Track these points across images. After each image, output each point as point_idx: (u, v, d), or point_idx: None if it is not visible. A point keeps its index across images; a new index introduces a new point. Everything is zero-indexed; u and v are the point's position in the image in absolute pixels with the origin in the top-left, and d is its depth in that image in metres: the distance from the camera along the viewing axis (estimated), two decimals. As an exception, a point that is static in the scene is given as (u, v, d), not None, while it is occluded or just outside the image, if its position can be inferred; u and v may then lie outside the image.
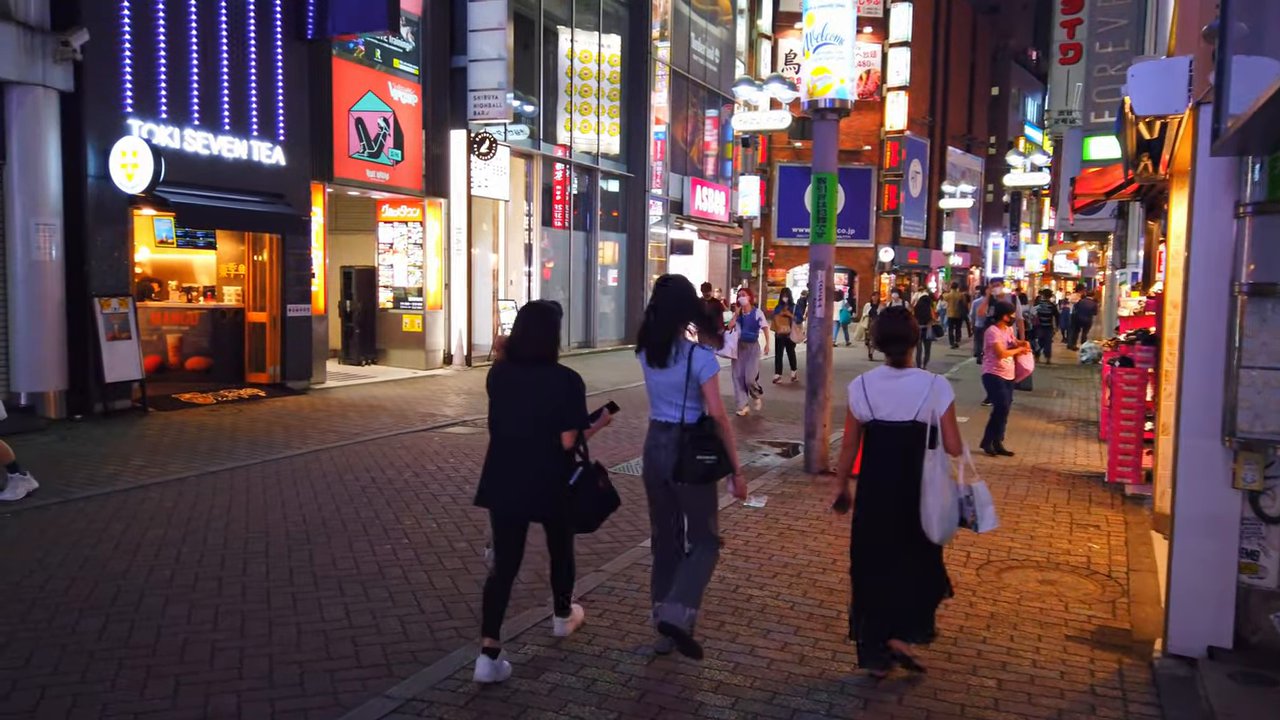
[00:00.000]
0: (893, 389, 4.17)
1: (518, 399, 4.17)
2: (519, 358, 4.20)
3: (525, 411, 4.15)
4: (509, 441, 4.19)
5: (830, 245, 8.63)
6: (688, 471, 4.15)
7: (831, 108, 8.40)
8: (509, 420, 4.20)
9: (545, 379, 4.16)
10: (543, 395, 4.14)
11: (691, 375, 4.20)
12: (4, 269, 9.95)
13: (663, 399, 4.32)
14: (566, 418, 4.15)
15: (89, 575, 5.28)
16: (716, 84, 27.33)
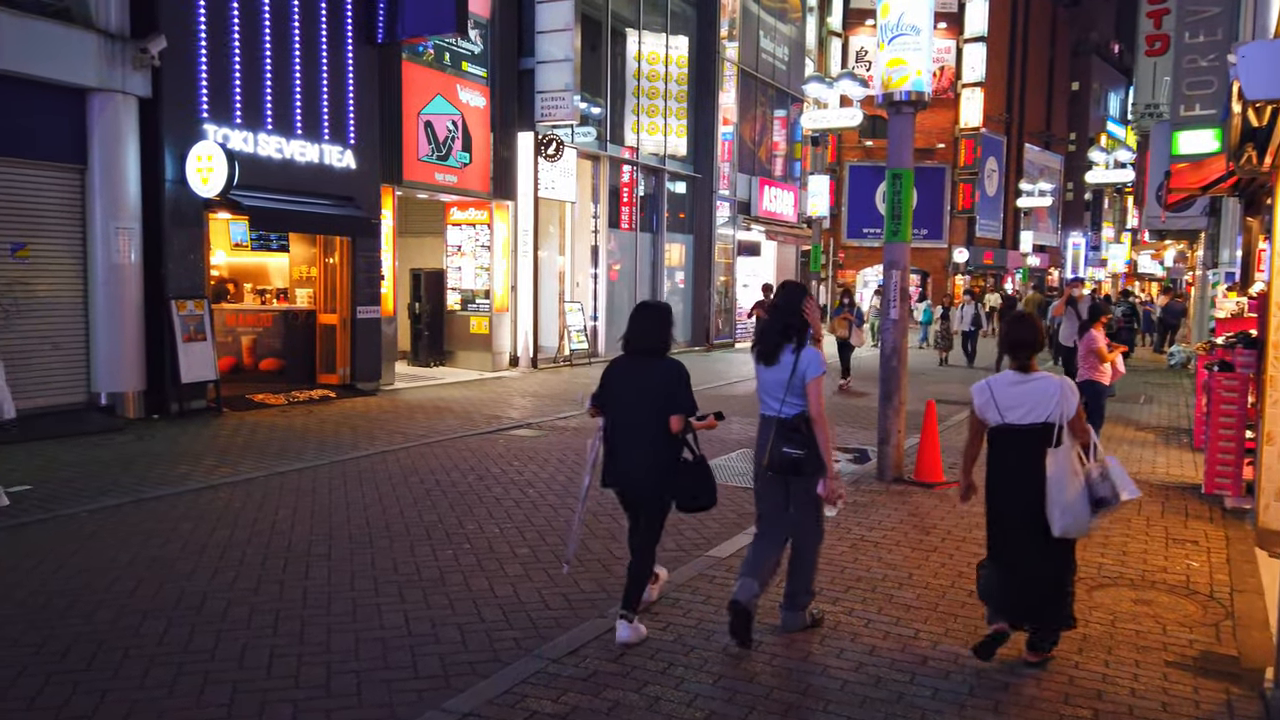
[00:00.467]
0: (1024, 393, 4.29)
1: (632, 388, 4.58)
2: (633, 351, 4.63)
3: (638, 399, 4.54)
4: (625, 427, 4.60)
5: (905, 244, 8.31)
6: (775, 462, 4.47)
7: (907, 100, 8.08)
8: (625, 407, 4.60)
9: (656, 370, 4.57)
10: (654, 385, 4.53)
11: (796, 373, 4.48)
12: (85, 272, 10.20)
13: (768, 394, 4.63)
14: (675, 402, 4.50)
15: (155, 576, 5.29)
16: (785, 82, 26.95)
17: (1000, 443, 4.37)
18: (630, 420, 4.57)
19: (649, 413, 4.51)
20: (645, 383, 4.55)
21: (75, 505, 6.83)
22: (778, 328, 4.61)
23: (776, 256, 28.64)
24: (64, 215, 10.02)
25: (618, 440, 4.62)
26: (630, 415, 4.57)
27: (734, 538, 6.36)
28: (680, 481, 4.60)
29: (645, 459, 4.53)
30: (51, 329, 9.97)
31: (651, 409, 4.51)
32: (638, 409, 4.54)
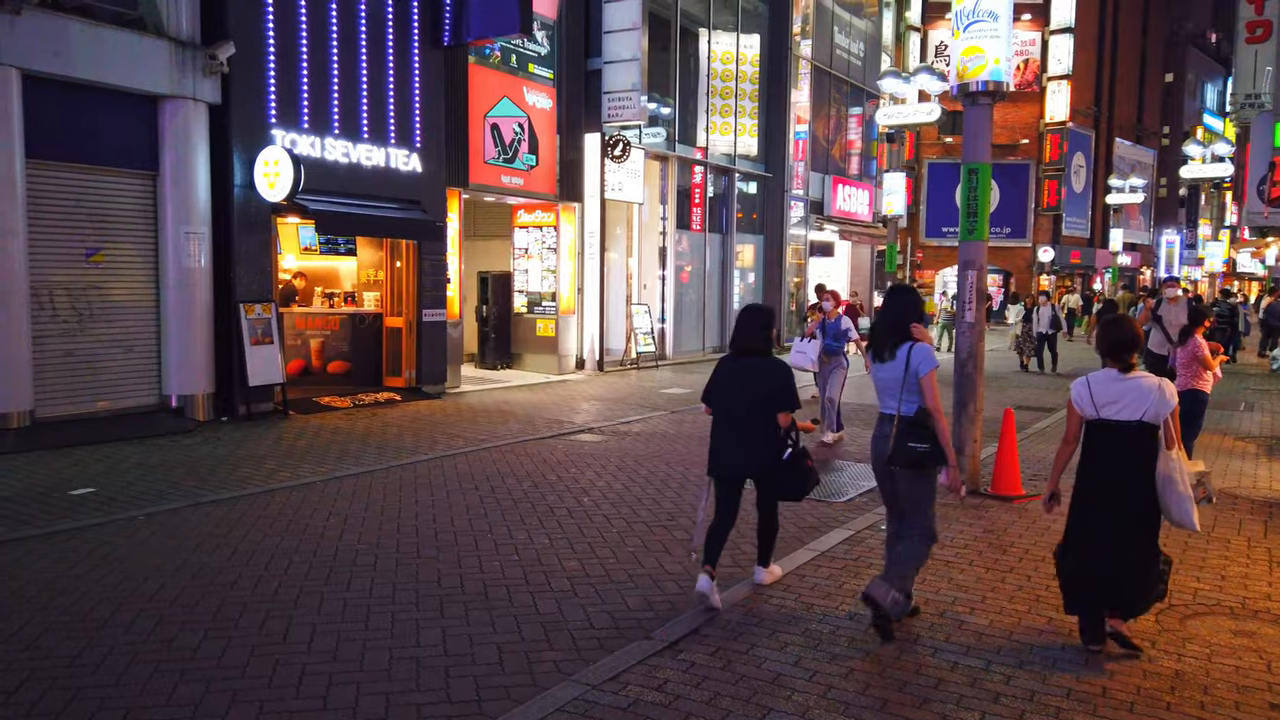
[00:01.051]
0: (1121, 390, 4.43)
1: (737, 386, 5.05)
2: (738, 350, 5.11)
3: (742, 395, 5.00)
4: (730, 419, 5.06)
5: (982, 243, 7.86)
6: (899, 457, 4.63)
7: (984, 90, 7.64)
8: (729, 401, 5.06)
9: (758, 368, 5.02)
10: (756, 381, 4.98)
11: (910, 370, 4.65)
12: (157, 276, 10.38)
13: (885, 392, 4.81)
14: (781, 401, 4.94)
15: (199, 584, 5.23)
16: (861, 78, 26.32)
17: (1093, 437, 4.52)
18: (736, 416, 5.03)
19: (753, 409, 4.96)
20: (750, 381, 5.00)
21: (133, 509, 6.87)
22: (887, 326, 4.81)
23: (851, 257, 28.02)
24: (137, 220, 10.21)
25: (724, 434, 5.06)
26: (736, 411, 5.03)
27: (793, 554, 6.04)
28: (782, 474, 5.02)
29: (750, 452, 4.97)
30: (124, 332, 10.16)
31: (756, 405, 4.96)
32: (743, 405, 5.00)
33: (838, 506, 7.49)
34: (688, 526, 6.73)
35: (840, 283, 27.52)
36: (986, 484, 8.01)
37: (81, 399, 9.80)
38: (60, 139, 9.41)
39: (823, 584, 5.44)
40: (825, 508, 7.45)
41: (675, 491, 7.82)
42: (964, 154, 7.90)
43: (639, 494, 7.73)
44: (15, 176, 8.94)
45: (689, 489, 7.92)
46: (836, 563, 5.88)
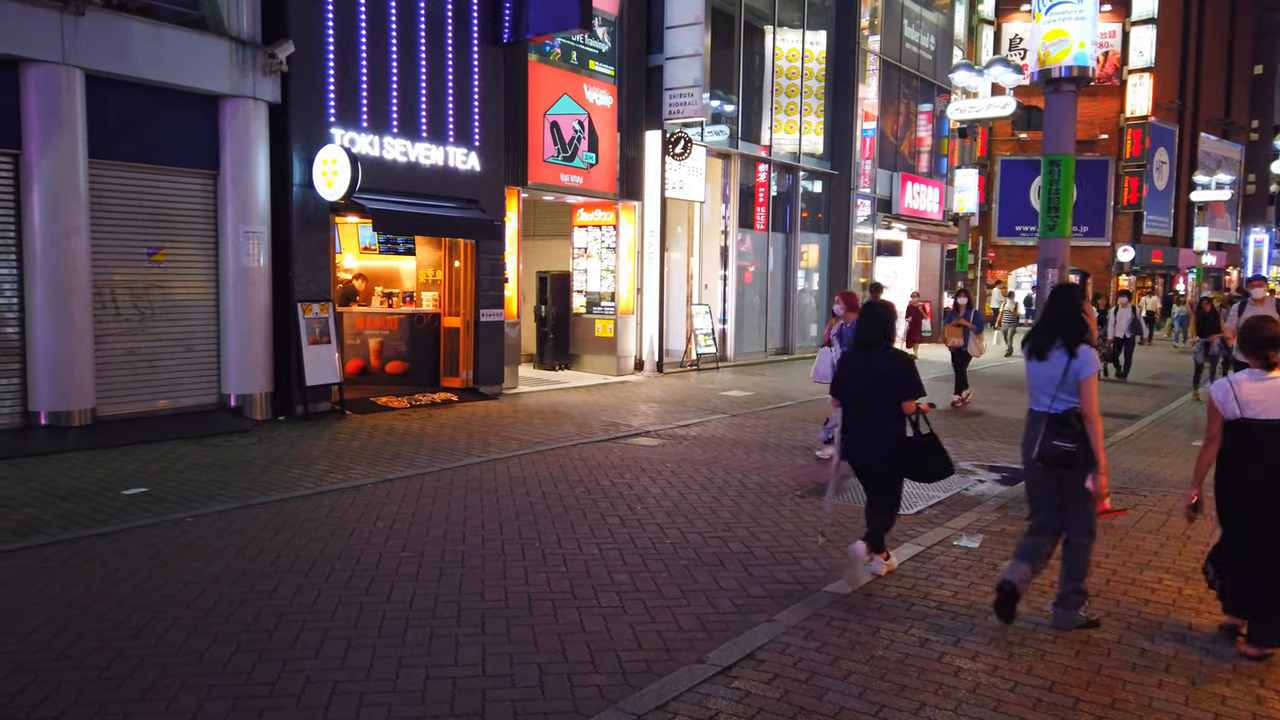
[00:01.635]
0: (1266, 389, 4.46)
1: (863, 376, 5.40)
2: (861, 343, 5.48)
3: (869, 385, 5.35)
4: (858, 410, 5.40)
5: (1064, 240, 7.39)
6: (1046, 455, 4.69)
7: (1068, 77, 7.16)
8: (857, 393, 5.41)
9: (880, 360, 5.38)
10: (883, 372, 5.32)
11: (1070, 370, 4.68)
12: (217, 275, 10.40)
13: (1039, 389, 4.85)
14: (906, 390, 5.28)
15: (238, 592, 5.08)
16: (931, 73, 25.56)
17: (1237, 437, 4.51)
18: (863, 404, 5.38)
19: (879, 396, 5.31)
20: (875, 370, 5.36)
21: (183, 510, 6.79)
22: (1047, 326, 4.86)
23: (919, 256, 27.25)
24: (197, 220, 10.24)
25: (853, 423, 5.42)
26: (862, 399, 5.38)
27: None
28: (913, 458, 5.33)
29: (878, 438, 5.32)
30: (185, 331, 10.20)
31: (881, 393, 5.31)
32: (869, 393, 5.35)
33: (906, 520, 7.07)
34: (745, 538, 6.41)
35: (908, 282, 26.79)
36: (1067, 497, 7.50)
37: (142, 397, 9.86)
38: (122, 139, 9.46)
39: (890, 605, 5.07)
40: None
41: (732, 500, 7.49)
42: (1045, 144, 7.43)
43: (694, 502, 7.42)
44: (78, 176, 9.02)
45: (747, 497, 7.59)
46: (905, 581, 5.49)
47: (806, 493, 7.82)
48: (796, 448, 9.90)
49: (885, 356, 5.38)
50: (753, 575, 5.64)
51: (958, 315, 13.62)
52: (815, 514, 7.13)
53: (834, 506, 5.74)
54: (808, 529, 6.69)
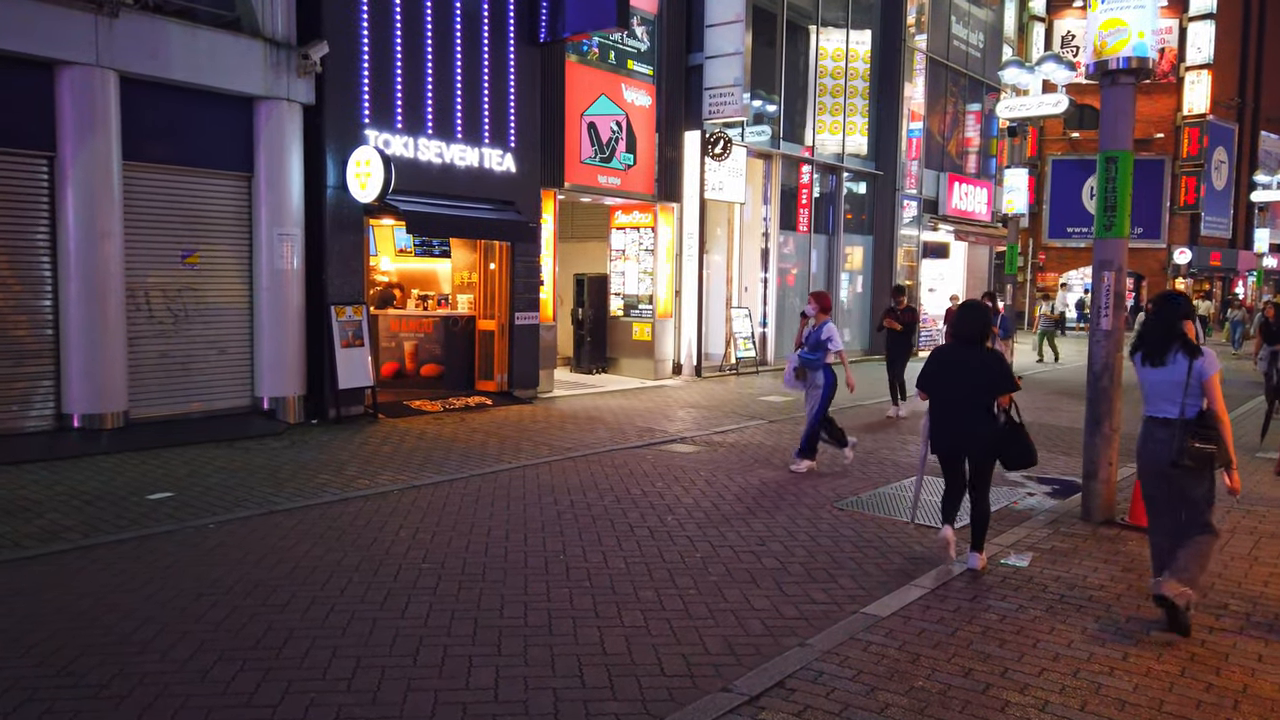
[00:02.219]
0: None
1: (957, 371, 5.71)
2: (959, 340, 5.81)
3: (963, 379, 5.67)
4: (950, 403, 5.73)
5: (1121, 240, 6.99)
6: (1187, 457, 4.75)
7: (1125, 69, 6.76)
8: (951, 386, 5.73)
9: (974, 357, 5.69)
10: (976, 368, 5.65)
11: (1193, 373, 4.77)
12: (250, 278, 10.35)
13: (1161, 396, 4.95)
14: (1001, 385, 5.65)
15: (250, 605, 4.92)
16: (980, 71, 24.96)
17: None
18: (957, 397, 5.70)
19: (973, 390, 5.64)
20: (969, 365, 5.68)
21: (206, 516, 6.69)
22: (1161, 331, 4.96)
23: (967, 258, 26.62)
24: (231, 222, 10.20)
25: (945, 414, 5.76)
26: (957, 393, 5.70)
27: (898, 591, 5.36)
28: (1004, 446, 5.68)
29: (972, 428, 5.66)
30: (218, 334, 10.15)
31: (975, 387, 5.64)
32: (963, 387, 5.67)
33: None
34: (779, 554, 6.13)
35: (956, 285, 26.20)
36: (1124, 512, 7.11)
37: (176, 400, 9.83)
38: (156, 141, 9.44)
39: (932, 630, 4.75)
40: (936, 535, 6.70)
41: (768, 511, 7.21)
42: (1101, 140, 7.03)
43: (728, 513, 7.15)
44: (112, 178, 9.00)
45: (783, 509, 7.30)
46: (949, 604, 5.17)
47: (846, 504, 7.50)
48: (838, 455, 9.56)
49: (981, 353, 5.71)
50: (786, 594, 5.37)
51: None
52: (854, 527, 6.82)
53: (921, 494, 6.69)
54: (845, 544, 6.39)
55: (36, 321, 8.83)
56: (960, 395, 5.67)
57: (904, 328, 12.69)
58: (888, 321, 12.81)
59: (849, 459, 9.09)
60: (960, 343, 5.80)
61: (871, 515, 7.19)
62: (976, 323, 5.78)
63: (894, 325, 12.70)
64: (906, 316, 12.78)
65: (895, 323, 12.69)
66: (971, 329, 5.77)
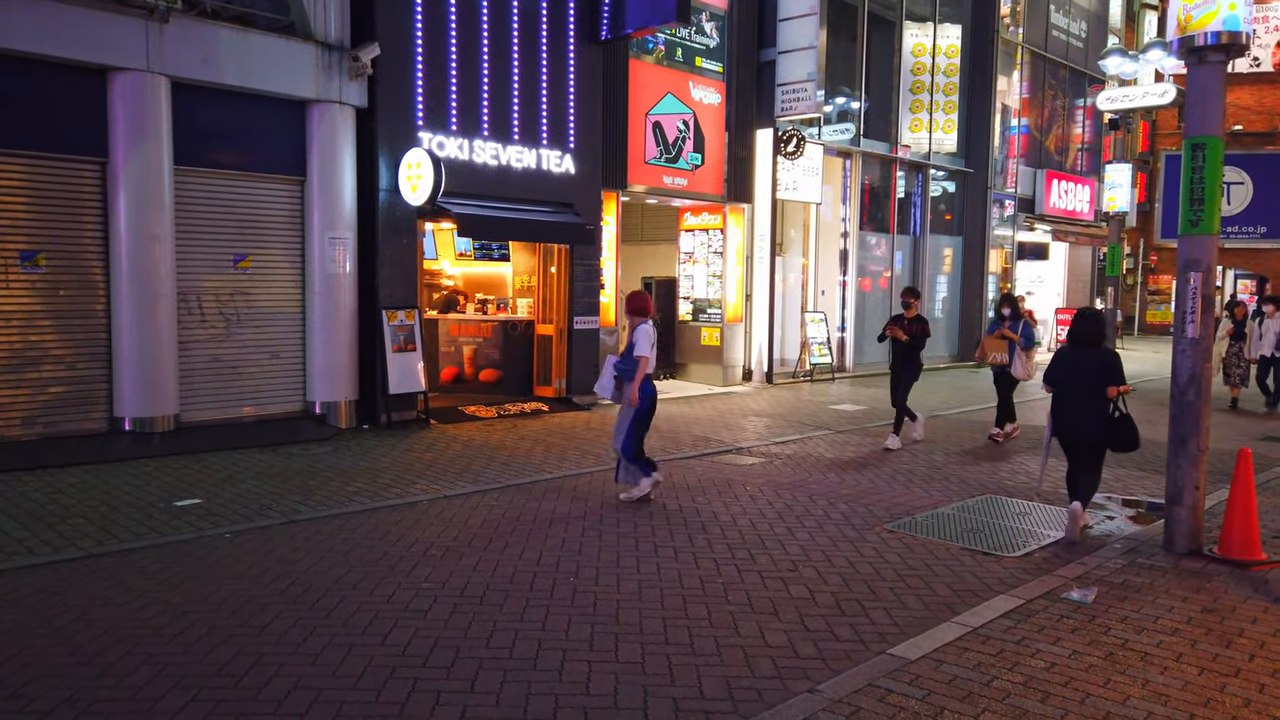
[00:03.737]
0: None
1: (1078, 368, 6.72)
2: (1078, 342, 6.80)
3: (1082, 374, 6.67)
4: (1071, 394, 6.75)
5: (1210, 238, 6.21)
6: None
7: (1215, 44, 6.01)
8: (1072, 380, 6.75)
9: (1095, 355, 6.70)
10: (1094, 366, 6.63)
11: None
12: (302, 282, 10.33)
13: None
14: (1111, 378, 6.58)
15: (228, 626, 4.70)
16: (1082, 62, 23.59)
17: None
18: (1076, 389, 6.73)
19: (1089, 384, 6.63)
20: (1088, 365, 6.68)
21: (228, 524, 6.56)
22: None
23: (1068, 260, 25.25)
24: (284, 226, 10.19)
25: (1064, 403, 6.81)
26: (1076, 386, 6.72)
27: (934, 629, 4.79)
28: (1112, 432, 6.63)
29: (1087, 417, 6.67)
30: (270, 338, 10.16)
31: (1091, 382, 6.63)
32: (1080, 381, 6.69)
33: (1008, 563, 6.10)
34: (810, 580, 5.62)
35: (1055, 288, 24.86)
36: (1212, 543, 6.33)
37: (227, 404, 9.86)
38: (208, 146, 9.49)
39: (965, 677, 4.19)
40: (993, 563, 6.08)
41: (809, 532, 6.68)
42: (1186, 125, 6.27)
43: (766, 531, 6.66)
44: (164, 183, 9.06)
45: (826, 529, 6.76)
46: (990, 645, 4.59)
47: (898, 526, 6.91)
48: (899, 472, 8.94)
49: (1097, 352, 6.71)
50: (808, 628, 4.86)
51: (1001, 325, 10.80)
52: (901, 552, 6.25)
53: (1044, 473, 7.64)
54: (887, 571, 5.83)
55: (89, 326, 8.95)
56: (1077, 388, 6.69)
57: (911, 339, 10.34)
58: (891, 331, 10.49)
59: (639, 493, 7.44)
60: (1076, 344, 6.81)
61: (924, 539, 6.59)
62: (1091, 327, 6.78)
63: (899, 335, 10.40)
64: (915, 327, 10.40)
65: (901, 333, 10.38)
66: (1086, 332, 6.78)
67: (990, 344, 10.86)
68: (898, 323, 10.54)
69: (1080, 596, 5.37)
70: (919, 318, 10.54)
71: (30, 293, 8.62)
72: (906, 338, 10.33)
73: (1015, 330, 10.66)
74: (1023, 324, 10.72)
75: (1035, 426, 11.55)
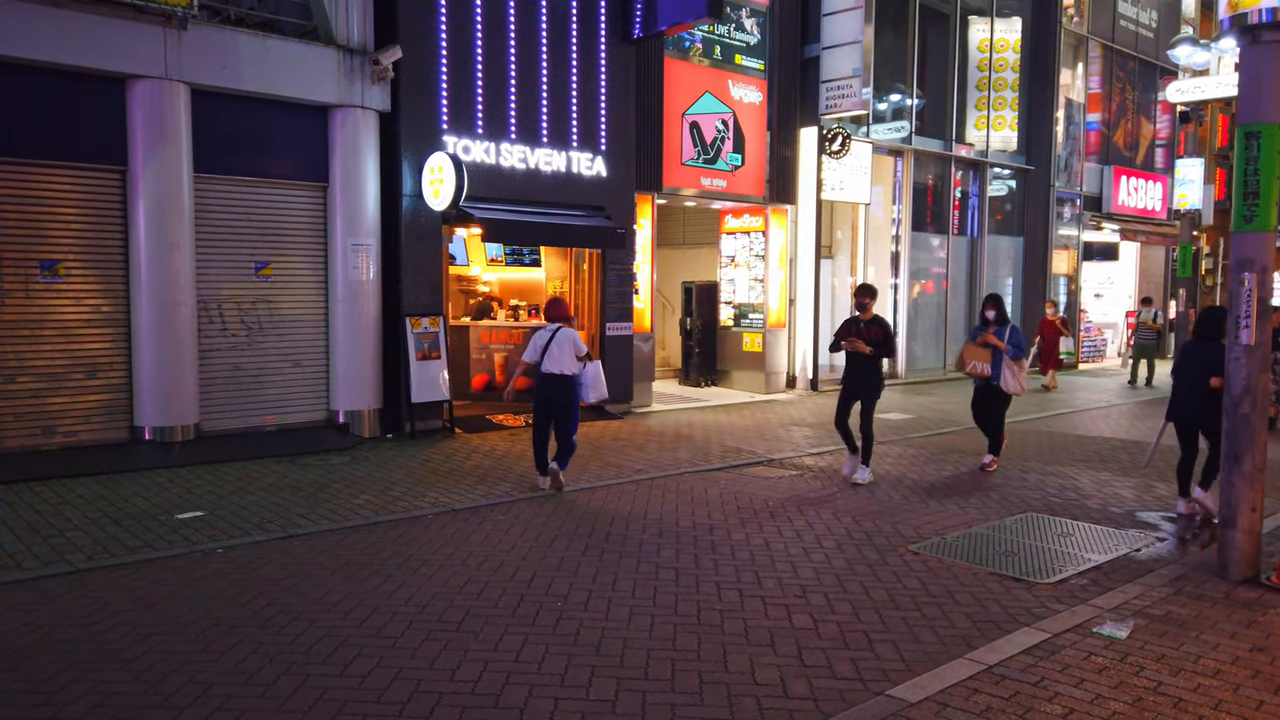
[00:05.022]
0: None
1: (1190, 359, 7.35)
2: (1198, 337, 7.40)
3: (1193, 365, 7.27)
4: (1184, 382, 7.37)
5: (1267, 235, 5.64)
6: None
7: (1270, 23, 5.44)
8: (1186, 370, 7.36)
9: (1205, 349, 7.18)
10: (1205, 358, 7.09)
11: None
12: (325, 289, 10.24)
13: None
14: (1216, 370, 6.60)
15: (184, 653, 4.49)
16: (1152, 53, 22.50)
17: None
18: (1188, 379, 7.30)
19: (1199, 374, 7.12)
20: (1199, 355, 7.23)
21: (223, 539, 6.41)
22: None
23: (1139, 260, 24.10)
24: (306, 233, 10.11)
25: (1179, 392, 7.43)
26: (1188, 376, 7.31)
27: (944, 667, 4.37)
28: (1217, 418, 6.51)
29: (1195, 403, 7.25)
30: (293, 346, 10.08)
31: (1199, 372, 7.13)
32: (1191, 372, 7.26)
33: (1040, 591, 5.60)
34: (817, 608, 5.21)
35: (1126, 289, 23.74)
36: (1271, 570, 5.74)
37: (249, 413, 9.80)
38: (228, 153, 9.44)
39: (967, 726, 3.76)
40: (1023, 590, 5.59)
41: (825, 553, 6.26)
42: (1240, 112, 5.71)
43: (780, 552, 6.26)
44: (183, 190, 9.03)
45: (845, 550, 6.33)
46: (1004, 687, 4.14)
47: (922, 548, 6.44)
48: (936, 486, 8.45)
49: (1211, 346, 7.09)
50: (805, 663, 4.47)
51: (986, 330, 9.05)
52: (922, 576, 5.79)
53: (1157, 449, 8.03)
54: (903, 598, 5.39)
55: (109, 335, 8.95)
56: (1190, 378, 7.27)
57: (875, 350, 8.29)
58: (850, 344, 8.34)
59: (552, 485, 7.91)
60: (1198, 339, 7.39)
61: (950, 562, 6.12)
62: (1210, 322, 7.26)
63: (859, 348, 8.26)
64: (873, 332, 8.33)
65: (861, 344, 8.26)
66: (1206, 327, 7.34)
67: (970, 352, 9.13)
68: (853, 329, 8.43)
69: (1113, 630, 4.87)
70: (877, 319, 8.45)
71: (51, 302, 8.64)
72: (869, 350, 8.27)
73: (1002, 336, 8.91)
74: (1009, 329, 9.01)
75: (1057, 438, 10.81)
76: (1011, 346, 8.91)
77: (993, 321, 9.07)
